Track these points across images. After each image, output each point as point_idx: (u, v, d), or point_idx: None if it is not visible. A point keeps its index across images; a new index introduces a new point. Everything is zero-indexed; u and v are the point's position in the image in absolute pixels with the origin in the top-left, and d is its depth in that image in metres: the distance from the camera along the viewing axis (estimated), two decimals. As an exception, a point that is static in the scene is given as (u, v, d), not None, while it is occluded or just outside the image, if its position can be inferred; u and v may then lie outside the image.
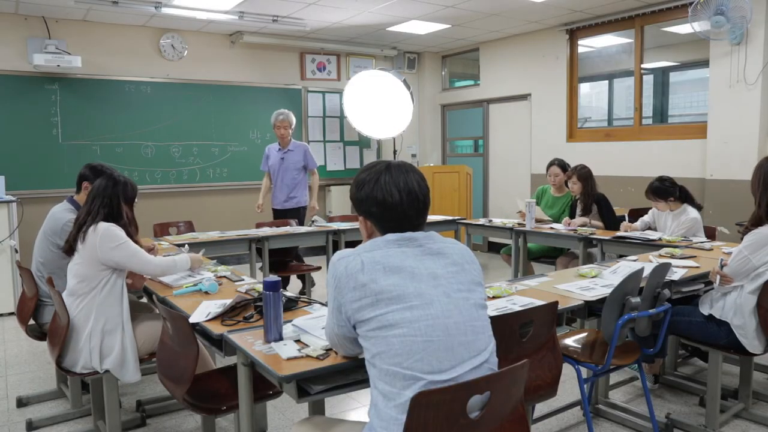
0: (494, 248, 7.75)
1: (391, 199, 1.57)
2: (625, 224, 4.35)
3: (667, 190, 3.97)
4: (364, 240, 1.68)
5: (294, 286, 5.42)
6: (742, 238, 2.77)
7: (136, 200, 2.84)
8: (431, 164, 8.01)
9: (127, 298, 2.67)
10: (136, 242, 2.73)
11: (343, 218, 5.56)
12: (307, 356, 1.76)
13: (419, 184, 1.62)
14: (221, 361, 2.50)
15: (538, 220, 4.89)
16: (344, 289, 1.51)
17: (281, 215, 5.44)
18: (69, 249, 2.66)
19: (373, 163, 1.68)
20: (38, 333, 3.09)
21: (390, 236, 1.58)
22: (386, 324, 1.45)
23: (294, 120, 5.49)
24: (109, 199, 2.68)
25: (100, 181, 2.75)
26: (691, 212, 4.00)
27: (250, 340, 1.93)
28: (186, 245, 3.63)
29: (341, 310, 1.54)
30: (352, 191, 1.67)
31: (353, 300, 1.50)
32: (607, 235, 4.28)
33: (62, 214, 3.12)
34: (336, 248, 4.91)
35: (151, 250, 3.43)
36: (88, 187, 3.15)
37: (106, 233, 2.57)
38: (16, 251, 5.10)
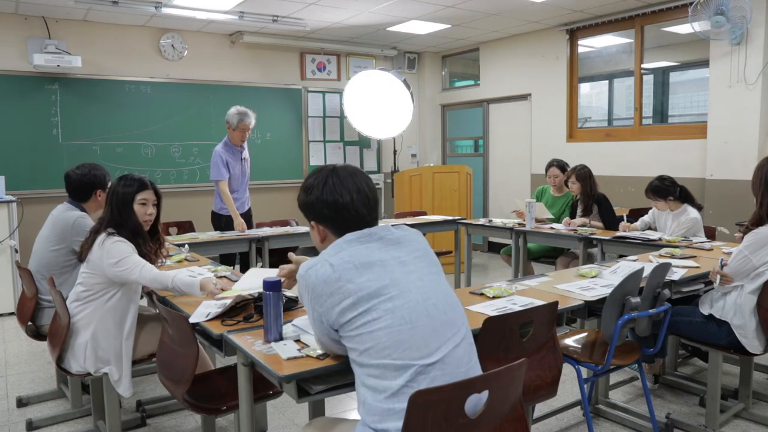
0: (494, 248, 7.75)
1: (342, 199, 1.60)
2: (623, 224, 4.35)
3: (667, 190, 3.97)
4: (317, 245, 1.69)
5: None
6: (742, 238, 2.77)
7: (142, 197, 2.66)
8: (431, 164, 8.00)
9: (133, 315, 2.61)
10: (142, 248, 2.61)
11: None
12: (307, 356, 1.76)
13: (367, 184, 1.66)
14: (221, 361, 2.50)
15: (539, 220, 4.90)
16: (321, 297, 1.51)
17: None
18: (81, 257, 2.61)
19: (318, 168, 1.69)
20: (35, 333, 3.09)
21: (349, 236, 1.59)
22: (370, 319, 1.46)
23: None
24: (110, 206, 2.62)
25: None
26: (692, 212, 4.00)
27: (250, 340, 1.93)
28: (186, 245, 3.63)
29: (322, 320, 1.54)
30: (301, 197, 1.68)
31: (333, 305, 1.49)
32: (607, 235, 4.28)
33: (68, 213, 3.11)
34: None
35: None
36: (102, 195, 3.14)
37: (109, 248, 2.50)
38: (16, 251, 5.11)
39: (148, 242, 2.68)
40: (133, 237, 2.60)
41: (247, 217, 4.96)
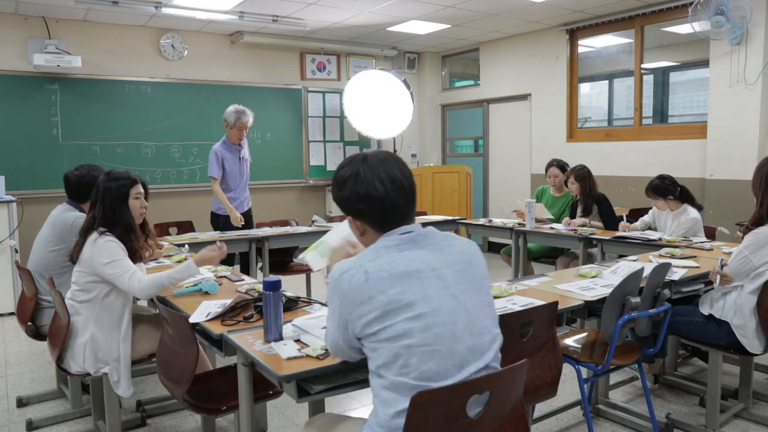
0: (494, 248, 7.75)
1: (376, 192, 1.51)
2: (623, 224, 4.35)
3: (667, 188, 3.98)
4: (357, 239, 1.65)
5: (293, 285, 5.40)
6: (742, 238, 2.77)
7: (135, 192, 2.66)
8: (431, 164, 8.01)
9: (129, 315, 2.62)
10: (134, 243, 2.63)
11: (343, 218, 5.52)
12: (307, 356, 1.77)
13: (401, 171, 1.55)
14: (221, 361, 2.50)
15: (539, 220, 4.90)
16: (351, 305, 1.44)
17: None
18: (73, 257, 2.61)
19: (349, 158, 1.59)
20: (35, 333, 3.09)
21: (389, 241, 1.52)
22: (394, 335, 1.40)
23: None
24: (102, 205, 2.60)
25: (95, 185, 2.67)
26: (692, 212, 4.01)
27: (250, 340, 1.93)
28: (186, 245, 3.63)
29: (348, 327, 1.47)
30: (334, 192, 1.60)
31: (361, 315, 1.43)
32: (607, 235, 4.28)
33: (66, 214, 3.11)
34: (336, 248, 4.89)
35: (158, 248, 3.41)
36: None
37: (101, 247, 2.50)
38: (16, 251, 5.10)
39: (140, 237, 2.69)
40: (126, 233, 2.59)
41: (247, 217, 4.97)
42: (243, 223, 4.79)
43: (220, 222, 4.87)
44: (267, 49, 7.21)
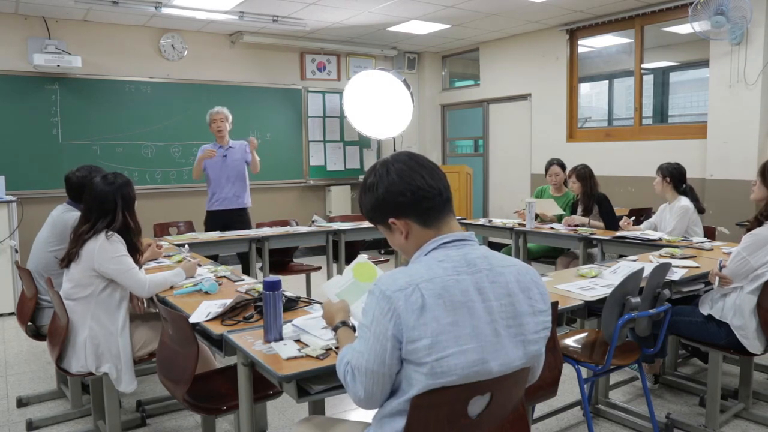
0: (494, 248, 7.70)
1: (413, 180, 1.46)
2: (624, 220, 4.39)
3: (672, 171, 4.07)
4: (400, 246, 1.52)
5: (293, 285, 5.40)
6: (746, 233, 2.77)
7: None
8: (431, 164, 8.00)
9: (125, 311, 2.64)
10: (137, 245, 2.70)
11: (344, 218, 5.55)
12: (307, 356, 1.77)
13: (425, 159, 1.54)
14: (221, 361, 2.50)
15: (544, 217, 4.90)
16: (404, 326, 1.32)
17: (224, 217, 5.04)
18: (67, 263, 2.62)
19: (370, 167, 1.55)
20: (35, 333, 3.09)
21: (440, 254, 1.44)
22: (438, 371, 1.33)
23: (230, 115, 5.16)
24: (123, 214, 2.63)
25: (92, 188, 2.64)
26: (683, 201, 4.08)
27: (250, 340, 1.93)
28: (186, 245, 3.63)
29: (394, 348, 1.34)
30: (367, 199, 1.51)
31: (411, 341, 1.32)
32: (607, 235, 4.28)
33: (67, 214, 3.11)
34: (336, 248, 4.90)
35: (149, 245, 3.42)
36: None
37: (106, 243, 2.54)
38: (16, 251, 5.10)
39: (138, 239, 2.76)
40: (138, 236, 2.69)
41: (240, 215, 5.12)
42: (215, 155, 5.01)
43: (206, 220, 5.16)
44: (267, 49, 7.21)
